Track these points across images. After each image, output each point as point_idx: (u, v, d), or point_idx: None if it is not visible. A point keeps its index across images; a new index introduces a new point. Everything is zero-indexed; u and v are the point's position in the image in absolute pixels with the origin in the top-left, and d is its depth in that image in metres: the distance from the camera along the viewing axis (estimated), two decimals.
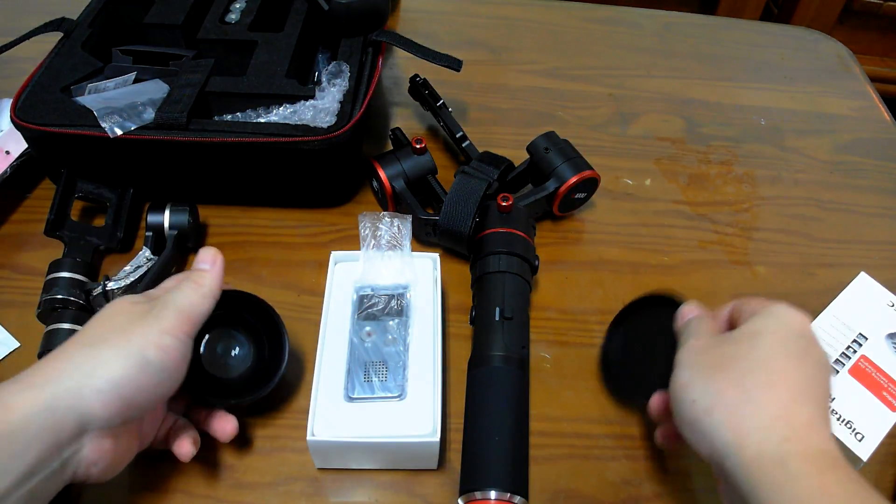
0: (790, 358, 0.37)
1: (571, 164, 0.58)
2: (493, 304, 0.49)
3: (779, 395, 0.36)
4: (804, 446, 0.34)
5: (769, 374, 0.36)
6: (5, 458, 0.32)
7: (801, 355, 0.37)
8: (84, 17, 0.62)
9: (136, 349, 0.37)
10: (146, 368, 0.37)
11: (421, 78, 0.66)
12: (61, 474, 0.35)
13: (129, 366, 0.36)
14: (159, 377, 0.38)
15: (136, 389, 0.37)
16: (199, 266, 0.43)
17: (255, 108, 0.56)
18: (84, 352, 0.37)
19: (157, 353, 0.37)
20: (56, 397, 0.34)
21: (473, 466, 0.42)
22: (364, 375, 0.45)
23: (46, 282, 0.50)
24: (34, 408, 0.33)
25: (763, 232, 0.65)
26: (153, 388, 0.38)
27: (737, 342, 0.39)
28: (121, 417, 0.37)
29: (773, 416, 0.35)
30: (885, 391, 0.46)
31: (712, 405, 0.36)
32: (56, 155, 0.55)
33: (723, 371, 0.37)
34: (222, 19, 0.62)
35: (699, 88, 0.80)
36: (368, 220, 0.51)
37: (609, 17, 0.90)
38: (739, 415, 0.35)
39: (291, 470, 0.46)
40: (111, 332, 0.38)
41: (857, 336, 0.48)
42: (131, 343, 0.37)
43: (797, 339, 0.38)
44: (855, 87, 0.83)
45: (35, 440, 0.33)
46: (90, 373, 0.36)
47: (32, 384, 0.35)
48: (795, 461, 0.33)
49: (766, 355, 0.37)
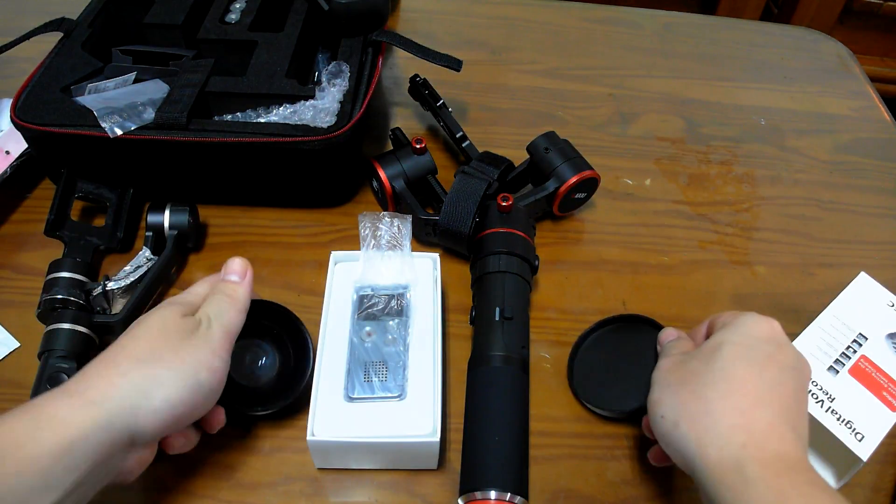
0: (751, 365, 0.38)
1: (571, 164, 0.58)
2: (493, 304, 0.49)
3: (737, 402, 0.37)
4: (761, 451, 0.35)
5: (728, 383, 0.38)
6: (61, 472, 0.33)
7: (763, 361, 0.38)
8: (84, 17, 0.62)
9: (192, 372, 0.38)
10: (198, 390, 0.38)
11: (421, 78, 0.66)
12: (102, 482, 0.36)
13: (183, 388, 0.37)
14: (207, 397, 0.39)
15: (187, 410, 0.38)
16: (229, 278, 0.44)
17: (255, 108, 0.56)
18: (140, 369, 0.37)
19: (208, 376, 0.38)
20: (112, 415, 0.35)
21: (473, 466, 0.42)
22: (364, 375, 0.45)
23: (46, 282, 0.50)
24: (92, 426, 0.34)
25: (763, 232, 0.65)
26: (201, 406, 0.39)
27: (700, 357, 0.40)
28: (167, 433, 0.38)
29: (731, 423, 0.36)
30: (885, 391, 0.46)
31: (678, 418, 0.38)
32: (56, 155, 0.55)
33: (686, 385, 0.39)
34: (222, 19, 0.62)
35: (699, 88, 0.80)
36: (368, 220, 0.51)
37: (609, 17, 0.90)
38: (701, 425, 0.37)
39: (291, 470, 0.46)
40: (166, 350, 0.38)
41: (857, 336, 0.48)
42: (186, 365, 0.38)
43: (760, 346, 0.39)
44: (855, 87, 0.83)
45: (91, 455, 0.34)
46: (147, 393, 0.36)
47: (90, 401, 0.35)
48: (752, 466, 0.34)
49: (726, 365, 0.38)
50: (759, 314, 0.42)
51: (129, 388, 0.36)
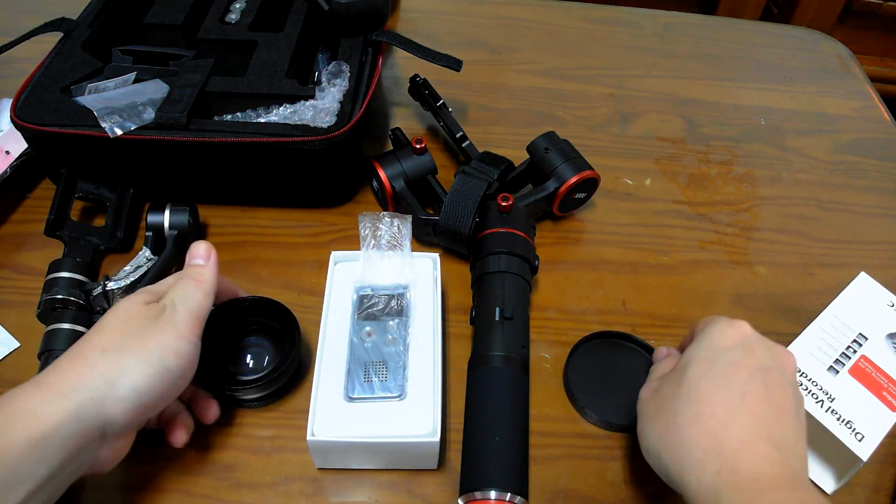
0: (715, 380, 0.38)
1: (571, 164, 0.58)
2: (493, 304, 0.49)
3: (706, 425, 0.36)
4: (735, 475, 0.34)
5: (696, 404, 0.37)
6: (34, 465, 0.33)
7: (728, 372, 0.38)
8: (84, 17, 0.62)
9: (157, 357, 0.38)
10: (166, 375, 0.38)
11: (421, 78, 0.66)
12: (77, 472, 0.36)
13: (150, 374, 0.37)
14: (176, 382, 0.39)
15: (156, 396, 0.38)
16: (193, 262, 0.44)
17: (255, 108, 0.56)
18: (106, 359, 0.37)
19: (176, 360, 0.38)
20: (81, 407, 0.35)
21: (473, 466, 0.42)
22: (364, 375, 0.45)
23: (46, 282, 0.50)
24: (62, 417, 0.34)
25: (763, 232, 0.65)
26: (170, 392, 0.39)
27: (671, 381, 0.40)
28: (138, 421, 0.38)
29: (705, 448, 0.36)
30: (885, 391, 0.46)
31: (659, 449, 0.38)
32: (56, 155, 0.55)
33: (661, 415, 0.39)
34: (222, 19, 0.62)
35: (699, 88, 0.80)
36: (368, 220, 0.51)
37: (609, 17, 0.90)
38: (678, 455, 0.37)
39: (291, 470, 0.46)
40: (130, 339, 0.38)
41: (857, 336, 0.48)
42: (151, 351, 0.38)
43: (725, 355, 0.39)
44: (855, 87, 0.83)
45: (61, 447, 0.34)
46: (114, 382, 0.36)
47: (59, 393, 0.35)
48: (727, 492, 0.34)
49: (691, 386, 0.38)
50: (726, 319, 0.41)
51: (96, 379, 0.36)
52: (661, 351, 0.47)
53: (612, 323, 0.55)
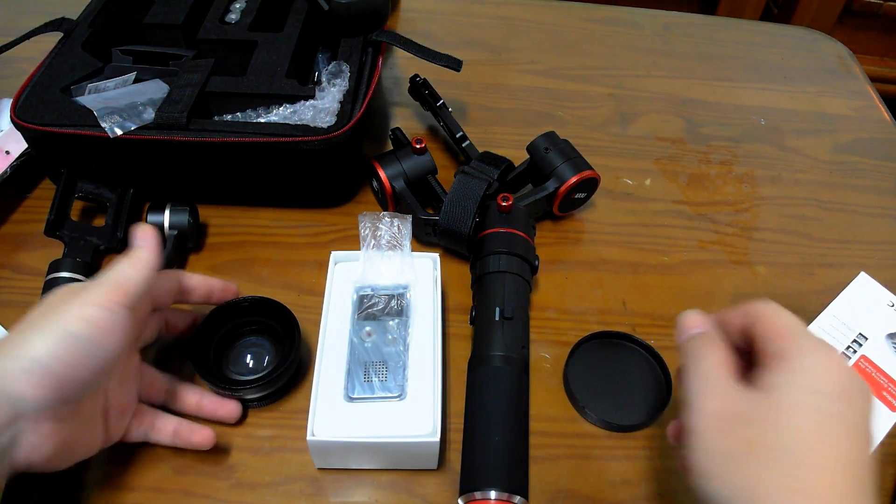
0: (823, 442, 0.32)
1: (571, 164, 0.58)
2: (493, 304, 0.49)
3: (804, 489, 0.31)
4: None
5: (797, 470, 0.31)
6: None
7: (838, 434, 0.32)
8: (84, 17, 0.62)
9: (59, 326, 0.36)
10: (73, 342, 0.36)
11: (421, 78, 0.66)
12: (1, 461, 0.35)
13: (53, 343, 0.36)
14: (88, 349, 0.37)
15: (65, 366, 0.36)
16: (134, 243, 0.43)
17: (255, 108, 0.56)
18: (11, 337, 0.36)
19: (79, 325, 0.37)
20: None
21: (473, 466, 0.42)
22: (364, 375, 0.45)
23: (46, 282, 0.50)
24: None
25: (763, 232, 0.65)
26: (85, 361, 0.37)
27: (759, 421, 0.33)
28: (56, 397, 0.36)
29: None
30: (885, 391, 0.46)
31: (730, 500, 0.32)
32: (56, 155, 0.55)
33: (743, 462, 0.32)
34: (222, 19, 0.62)
35: (699, 88, 0.80)
36: (368, 220, 0.51)
37: (609, 17, 0.90)
38: None
39: (291, 470, 0.46)
40: (40, 316, 0.37)
41: (857, 336, 0.48)
42: (51, 320, 0.36)
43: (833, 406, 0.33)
44: (855, 87, 0.83)
45: None
46: (14, 355, 0.35)
47: None
48: None
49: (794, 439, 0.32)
50: (825, 348, 0.34)
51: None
52: (692, 318, 0.39)
53: (612, 323, 0.56)
